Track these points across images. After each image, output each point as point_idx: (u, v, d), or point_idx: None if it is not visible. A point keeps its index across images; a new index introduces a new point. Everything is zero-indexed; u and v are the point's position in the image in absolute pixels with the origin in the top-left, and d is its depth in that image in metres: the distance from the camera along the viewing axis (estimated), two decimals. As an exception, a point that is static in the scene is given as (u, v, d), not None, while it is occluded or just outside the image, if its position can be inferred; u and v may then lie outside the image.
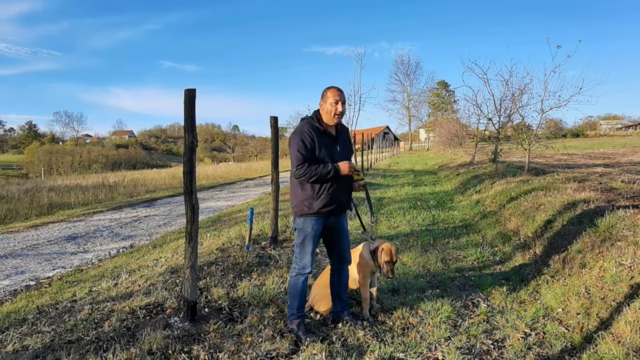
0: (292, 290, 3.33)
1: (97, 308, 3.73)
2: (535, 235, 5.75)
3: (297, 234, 3.29)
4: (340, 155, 3.28)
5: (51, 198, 13.77)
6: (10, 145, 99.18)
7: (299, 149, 3.08)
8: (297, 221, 3.26)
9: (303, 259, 3.27)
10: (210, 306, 3.77)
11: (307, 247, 3.26)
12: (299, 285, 3.31)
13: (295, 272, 3.31)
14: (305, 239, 3.25)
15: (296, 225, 3.29)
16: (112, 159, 68.00)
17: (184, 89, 3.34)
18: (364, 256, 3.69)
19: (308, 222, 3.23)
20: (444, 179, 15.77)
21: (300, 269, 3.29)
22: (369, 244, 3.72)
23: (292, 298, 3.33)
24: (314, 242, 3.28)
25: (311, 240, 3.26)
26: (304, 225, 3.24)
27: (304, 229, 3.24)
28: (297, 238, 3.31)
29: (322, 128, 3.20)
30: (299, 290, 3.32)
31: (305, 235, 3.24)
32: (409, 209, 8.92)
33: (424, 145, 66.74)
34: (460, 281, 4.67)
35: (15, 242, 7.19)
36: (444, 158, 28.93)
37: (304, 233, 3.24)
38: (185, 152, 3.35)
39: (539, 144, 10.16)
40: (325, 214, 3.24)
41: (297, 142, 3.09)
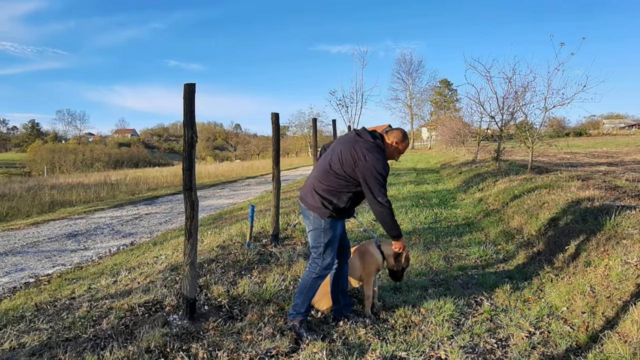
0: (308, 290, 3.25)
1: (95, 305, 3.69)
2: (539, 234, 5.68)
3: (323, 234, 3.19)
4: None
5: (53, 196, 13.77)
6: (13, 143, 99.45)
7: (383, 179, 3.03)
8: (325, 221, 3.17)
9: (327, 258, 3.21)
10: (210, 304, 3.73)
11: (333, 247, 3.24)
12: (315, 287, 3.27)
13: (317, 273, 3.22)
14: (333, 238, 3.21)
15: (323, 225, 3.17)
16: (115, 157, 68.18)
17: (184, 84, 3.29)
18: (370, 252, 3.63)
19: (335, 223, 3.21)
20: (446, 177, 15.70)
21: (322, 270, 3.22)
22: (374, 240, 3.66)
23: (304, 297, 3.25)
24: (337, 242, 3.29)
25: (337, 239, 3.27)
26: (330, 226, 3.19)
27: (330, 229, 3.19)
28: (320, 238, 3.19)
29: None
30: (314, 292, 3.29)
31: (333, 236, 3.21)
32: (411, 207, 8.87)
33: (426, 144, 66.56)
34: (463, 279, 4.62)
35: (15, 239, 7.16)
36: (447, 156, 28.84)
37: (330, 233, 3.19)
38: (185, 147, 3.30)
39: (542, 142, 10.09)
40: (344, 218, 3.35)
41: (381, 169, 3.01)
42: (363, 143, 3.10)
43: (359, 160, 3.03)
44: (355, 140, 3.14)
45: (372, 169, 2.99)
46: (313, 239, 3.25)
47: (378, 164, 3.00)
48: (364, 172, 3.01)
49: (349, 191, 3.15)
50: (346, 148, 3.13)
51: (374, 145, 3.10)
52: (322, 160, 3.32)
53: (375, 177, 3.00)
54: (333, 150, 3.24)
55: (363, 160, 3.01)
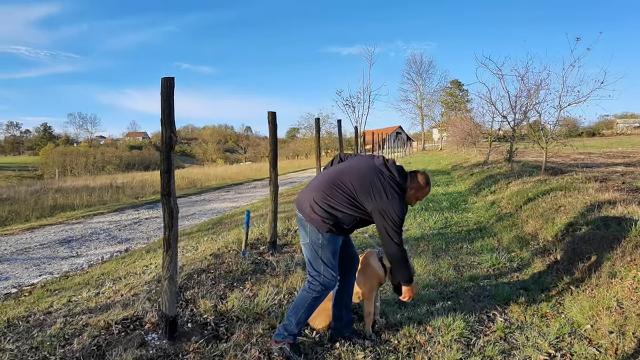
0: (305, 310, 2.91)
1: (70, 322, 3.39)
2: (556, 240, 5.27)
3: (320, 249, 2.85)
4: None
5: (56, 199, 13.64)
6: (26, 146, 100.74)
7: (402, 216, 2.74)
8: (323, 236, 2.84)
9: (327, 276, 2.87)
10: (195, 320, 3.40)
11: (333, 262, 2.90)
12: (314, 307, 2.95)
13: (317, 292, 2.87)
14: (333, 254, 2.89)
15: (321, 240, 2.84)
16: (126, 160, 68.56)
17: (162, 78, 2.99)
18: (371, 265, 3.27)
19: (335, 237, 2.89)
20: (457, 179, 15.24)
21: (323, 289, 2.88)
22: (376, 252, 3.32)
23: (298, 317, 2.90)
24: (337, 257, 2.95)
25: (337, 256, 2.93)
26: (330, 241, 2.86)
27: (330, 244, 2.86)
28: (319, 253, 2.86)
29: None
30: (312, 311, 2.96)
31: (332, 252, 2.88)
32: (420, 210, 8.47)
33: (437, 145, 65.82)
34: (474, 291, 4.24)
35: (7, 245, 6.93)
36: (458, 158, 28.30)
37: (330, 248, 2.87)
38: (163, 148, 2.99)
39: (556, 142, 9.62)
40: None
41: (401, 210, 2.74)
42: (389, 179, 2.78)
43: (380, 194, 2.72)
44: (380, 170, 2.82)
45: (391, 211, 2.70)
46: (309, 253, 2.91)
47: (398, 207, 2.72)
48: (382, 209, 2.71)
49: (353, 214, 2.81)
50: (367, 173, 2.80)
51: (399, 186, 2.79)
52: (331, 171, 2.97)
53: (393, 219, 2.70)
54: (352, 168, 2.90)
55: (385, 197, 2.71)
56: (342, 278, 3.11)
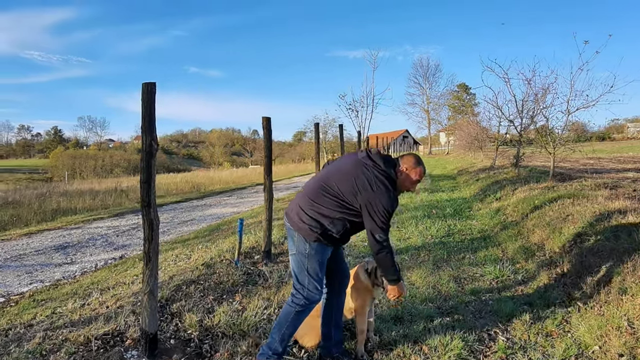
0: (288, 326, 2.73)
1: (50, 336, 3.25)
2: (563, 251, 5.05)
3: (307, 260, 2.68)
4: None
5: (59, 203, 13.60)
6: (36, 149, 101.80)
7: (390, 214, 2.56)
8: (309, 245, 2.67)
9: (311, 289, 2.70)
10: (178, 336, 3.24)
11: (318, 275, 2.72)
12: (298, 322, 2.77)
13: (301, 306, 2.70)
14: (318, 266, 2.70)
15: (308, 249, 2.68)
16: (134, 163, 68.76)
17: (142, 83, 2.84)
18: (360, 279, 3.10)
19: (322, 247, 2.70)
20: (462, 185, 14.98)
21: (307, 302, 2.70)
22: (364, 264, 3.14)
23: (282, 333, 2.73)
24: (324, 269, 2.78)
25: (323, 267, 2.75)
26: (316, 250, 2.68)
27: (316, 255, 2.68)
28: (304, 264, 2.69)
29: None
30: (296, 327, 2.78)
31: (318, 262, 2.70)
32: (422, 218, 8.26)
33: (444, 149, 65.35)
34: (475, 306, 4.03)
35: (1, 251, 6.84)
36: (464, 162, 27.97)
37: (317, 259, 2.69)
38: (143, 157, 2.84)
39: (564, 148, 9.36)
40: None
41: (388, 206, 2.54)
42: (373, 169, 2.60)
43: (365, 187, 2.54)
44: (364, 163, 2.64)
45: (377, 202, 2.51)
46: (295, 264, 2.74)
47: (385, 198, 2.52)
48: (367, 202, 2.52)
49: (343, 218, 2.63)
50: (351, 170, 2.63)
51: (385, 174, 2.60)
52: (318, 176, 2.82)
53: (379, 212, 2.51)
54: (336, 168, 2.74)
55: (370, 190, 2.53)
56: (331, 294, 2.94)
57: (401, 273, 4.89)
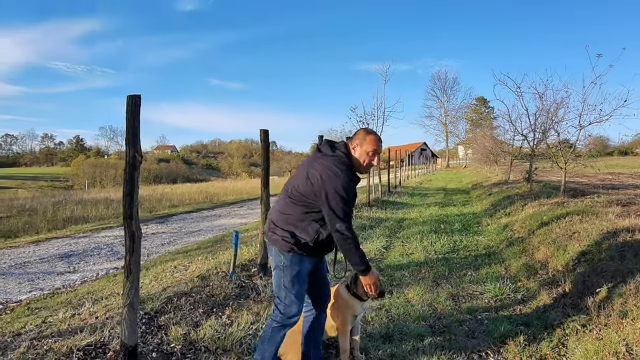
0: (268, 342, 2.65)
1: (35, 345, 3.26)
2: (566, 270, 4.88)
3: (283, 272, 2.60)
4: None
5: (73, 211, 13.87)
6: (59, 158, 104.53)
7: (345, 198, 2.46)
8: (282, 258, 2.60)
9: (291, 305, 2.60)
10: (161, 350, 3.22)
11: (296, 289, 2.61)
12: (277, 340, 2.66)
13: (278, 322, 2.62)
14: (294, 280, 2.60)
15: (283, 262, 2.60)
16: (154, 172, 69.92)
17: (127, 95, 2.87)
18: (342, 296, 3.04)
19: (297, 258, 2.60)
20: (475, 199, 14.75)
21: (285, 319, 2.61)
22: (344, 280, 3.08)
23: (263, 351, 2.66)
24: (304, 284, 2.67)
25: (299, 281, 2.63)
26: (292, 262, 2.59)
27: (292, 267, 2.59)
28: (281, 278, 2.61)
29: (357, 179, 2.63)
30: (277, 345, 2.68)
31: (294, 276, 2.59)
32: (428, 233, 8.12)
33: (461, 162, 64.63)
34: (469, 325, 3.91)
35: (8, 258, 6.97)
36: (479, 176, 27.60)
37: (292, 271, 2.59)
38: (126, 169, 2.85)
39: (576, 163, 9.13)
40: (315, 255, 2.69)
41: (341, 190, 2.45)
42: (321, 159, 2.56)
43: (316, 178, 2.48)
44: (314, 157, 2.62)
45: (329, 190, 2.44)
46: (274, 278, 2.69)
47: (337, 183, 2.45)
48: (320, 193, 2.47)
49: (312, 221, 2.57)
50: (304, 167, 2.61)
51: (333, 158, 2.55)
52: (284, 185, 2.79)
53: (332, 199, 2.44)
54: (295, 173, 2.72)
55: (320, 180, 2.47)
56: (311, 313, 2.88)
57: (397, 289, 4.82)
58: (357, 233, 7.84)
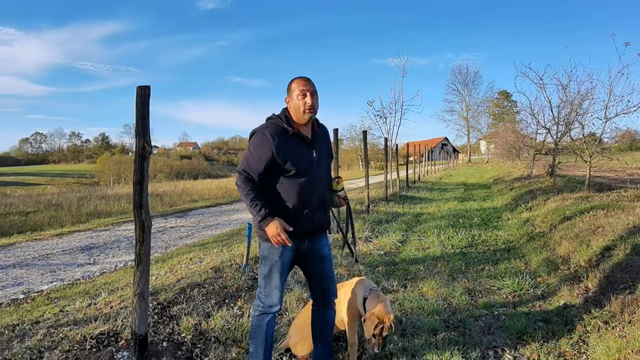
0: (255, 333, 2.67)
1: (52, 333, 3.32)
2: (589, 265, 4.71)
3: (262, 262, 2.63)
4: (317, 164, 2.60)
5: (96, 206, 14.21)
6: (85, 155, 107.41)
7: (249, 152, 2.50)
8: (262, 246, 2.60)
9: (270, 294, 2.60)
10: (172, 339, 3.24)
11: (273, 281, 2.59)
12: (263, 327, 2.65)
13: (259, 310, 2.64)
14: (272, 270, 2.58)
15: (260, 251, 2.63)
16: (176, 169, 70.95)
17: (137, 86, 2.88)
18: (356, 295, 2.99)
19: (275, 248, 2.52)
20: (496, 194, 14.44)
21: (265, 307, 2.62)
22: (364, 282, 3.00)
23: (255, 343, 2.67)
24: (283, 273, 2.61)
25: (278, 271, 2.59)
26: (269, 252, 2.56)
27: (269, 257, 2.57)
28: (261, 267, 2.64)
29: (293, 130, 2.51)
30: (264, 334, 2.65)
31: (272, 266, 2.57)
32: (446, 227, 7.98)
33: (484, 157, 63.44)
34: (485, 321, 3.81)
35: (32, 250, 7.18)
36: (501, 171, 27.04)
37: (269, 262, 2.58)
38: (136, 159, 2.87)
39: (602, 156, 8.81)
40: (297, 236, 2.53)
41: (249, 144, 2.51)
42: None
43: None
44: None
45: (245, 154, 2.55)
46: (259, 267, 2.72)
47: (252, 137, 2.55)
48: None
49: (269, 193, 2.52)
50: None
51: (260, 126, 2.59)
52: None
53: (244, 158, 2.54)
54: None
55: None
56: (317, 307, 2.85)
57: (411, 283, 4.73)
58: (373, 227, 7.77)
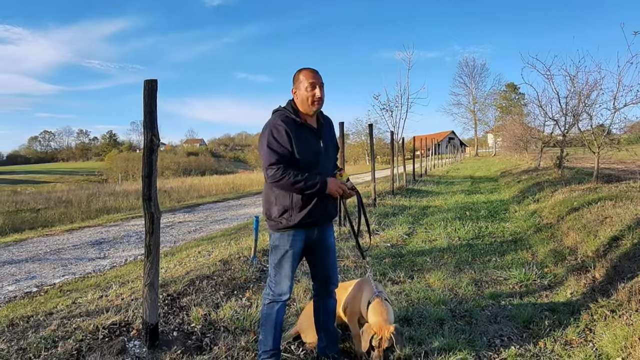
0: (265, 321, 2.72)
1: (65, 324, 3.40)
2: (597, 255, 4.70)
3: (273, 252, 2.68)
4: (324, 154, 2.67)
5: (105, 202, 14.37)
6: (93, 153, 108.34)
7: (270, 144, 2.46)
8: (273, 237, 2.66)
9: (280, 283, 2.67)
10: (182, 329, 3.30)
11: (284, 269, 2.65)
12: (273, 315, 2.70)
13: (269, 298, 2.70)
14: (283, 259, 2.64)
15: (271, 242, 2.68)
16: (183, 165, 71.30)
17: (144, 80, 2.92)
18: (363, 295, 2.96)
19: (286, 237, 2.60)
20: (503, 187, 14.38)
21: (275, 296, 2.68)
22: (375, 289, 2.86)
23: (265, 331, 2.72)
24: (294, 262, 2.67)
25: (290, 260, 2.64)
26: (280, 242, 2.62)
27: (280, 247, 2.62)
28: (271, 257, 2.70)
29: (301, 120, 2.56)
30: (274, 322, 2.71)
31: (283, 255, 2.63)
32: (452, 220, 7.98)
33: (491, 150, 62.98)
34: (492, 311, 3.83)
35: (43, 245, 7.30)
36: (509, 163, 26.88)
37: (280, 252, 2.63)
38: (144, 152, 2.92)
39: (610, 147, 8.74)
40: (308, 225, 2.61)
41: (267, 138, 2.48)
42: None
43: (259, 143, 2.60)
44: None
45: (261, 147, 2.53)
46: (269, 258, 2.76)
47: (265, 134, 2.52)
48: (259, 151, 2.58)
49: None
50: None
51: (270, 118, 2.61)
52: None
53: (263, 152, 2.50)
54: None
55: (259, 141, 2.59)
56: (318, 297, 2.90)
57: (418, 274, 4.76)
58: (380, 220, 7.79)
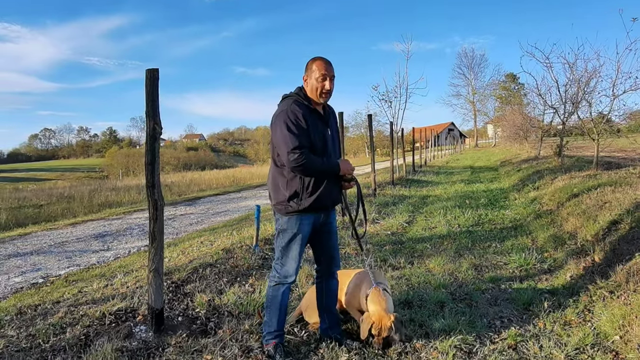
0: (270, 303, 2.79)
1: (72, 311, 3.45)
2: (596, 239, 4.75)
3: (280, 235, 2.72)
4: (332, 141, 2.74)
5: (107, 197, 14.41)
6: (94, 149, 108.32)
7: (290, 129, 2.46)
8: (281, 220, 2.70)
9: (286, 265, 2.73)
10: (187, 314, 3.36)
11: (292, 252, 2.71)
12: (278, 297, 2.77)
13: (275, 280, 2.77)
14: (291, 242, 2.69)
15: (279, 225, 2.72)
16: (183, 160, 71.28)
17: (146, 69, 2.95)
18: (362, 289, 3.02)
19: (294, 221, 2.65)
20: (503, 176, 14.42)
21: (281, 278, 2.75)
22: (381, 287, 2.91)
23: (270, 312, 2.79)
24: (301, 246, 2.73)
25: (298, 243, 2.70)
26: (288, 226, 2.66)
27: (288, 230, 2.67)
28: (278, 240, 2.74)
29: (312, 107, 2.62)
30: (279, 304, 2.78)
31: (291, 238, 2.68)
32: (452, 208, 8.03)
33: (491, 141, 62.89)
34: (492, 294, 3.89)
35: (47, 239, 7.36)
36: (508, 153, 26.88)
37: (288, 235, 2.68)
38: (147, 140, 2.95)
39: (610, 134, 8.76)
40: (316, 210, 2.66)
41: (285, 122, 2.47)
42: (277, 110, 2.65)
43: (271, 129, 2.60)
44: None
45: (275, 127, 2.54)
46: (275, 241, 2.81)
47: (281, 118, 2.51)
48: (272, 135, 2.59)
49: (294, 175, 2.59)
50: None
51: (282, 102, 2.64)
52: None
53: (280, 134, 2.49)
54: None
55: (272, 127, 2.59)
56: (320, 278, 2.96)
57: (418, 260, 4.82)
58: (380, 209, 7.84)
